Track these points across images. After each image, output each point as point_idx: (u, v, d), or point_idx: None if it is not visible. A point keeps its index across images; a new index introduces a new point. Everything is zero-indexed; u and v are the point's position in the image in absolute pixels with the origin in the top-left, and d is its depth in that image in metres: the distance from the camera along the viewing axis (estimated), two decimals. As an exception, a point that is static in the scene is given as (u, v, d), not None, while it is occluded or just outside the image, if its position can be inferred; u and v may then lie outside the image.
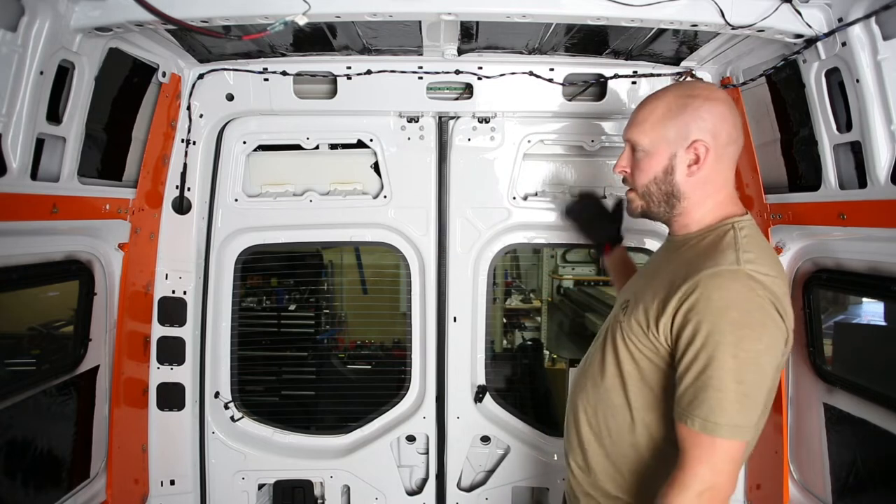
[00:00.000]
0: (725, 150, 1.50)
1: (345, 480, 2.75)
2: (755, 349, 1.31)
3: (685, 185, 1.52)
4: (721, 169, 1.52)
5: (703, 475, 1.31)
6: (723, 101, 1.51)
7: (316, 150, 2.66)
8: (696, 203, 1.53)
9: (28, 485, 1.98)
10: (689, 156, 1.49)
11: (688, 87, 1.57)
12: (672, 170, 1.51)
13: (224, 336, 2.73)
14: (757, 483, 2.49)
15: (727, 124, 1.49)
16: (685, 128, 1.48)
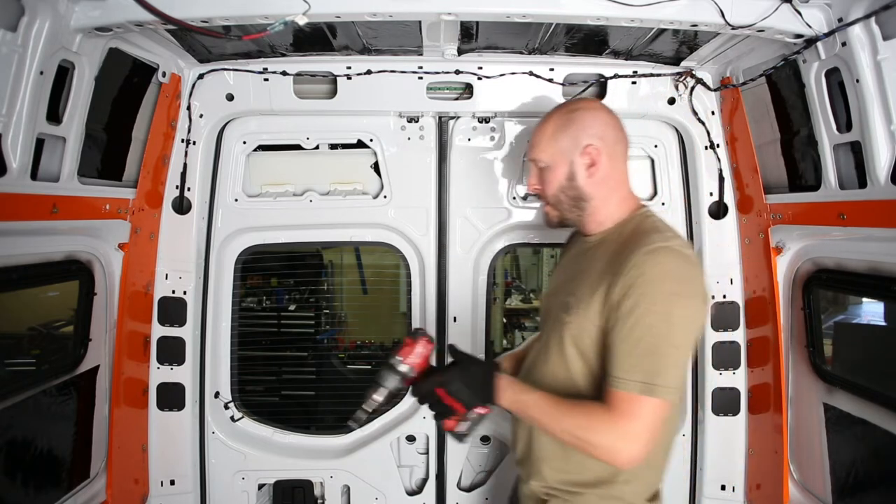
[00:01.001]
0: (615, 148, 1.67)
1: (345, 480, 2.74)
2: (687, 316, 1.43)
3: (588, 187, 1.66)
4: (616, 166, 1.67)
5: (638, 432, 1.40)
6: (600, 108, 1.71)
7: (316, 150, 2.66)
8: (603, 201, 1.67)
9: (28, 485, 1.98)
10: (584, 160, 1.64)
11: (569, 104, 1.75)
12: (574, 175, 1.66)
13: (224, 336, 2.73)
14: (757, 483, 2.49)
15: (610, 127, 1.67)
16: (575, 137, 1.65)
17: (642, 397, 1.39)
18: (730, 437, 2.55)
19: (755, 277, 2.43)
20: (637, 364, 1.40)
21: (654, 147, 2.62)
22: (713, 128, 2.47)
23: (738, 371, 2.53)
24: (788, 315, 2.30)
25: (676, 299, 1.42)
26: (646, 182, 2.68)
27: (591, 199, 1.67)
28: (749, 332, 2.51)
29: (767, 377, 2.39)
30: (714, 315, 2.54)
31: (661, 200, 2.63)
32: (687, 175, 2.61)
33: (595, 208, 1.68)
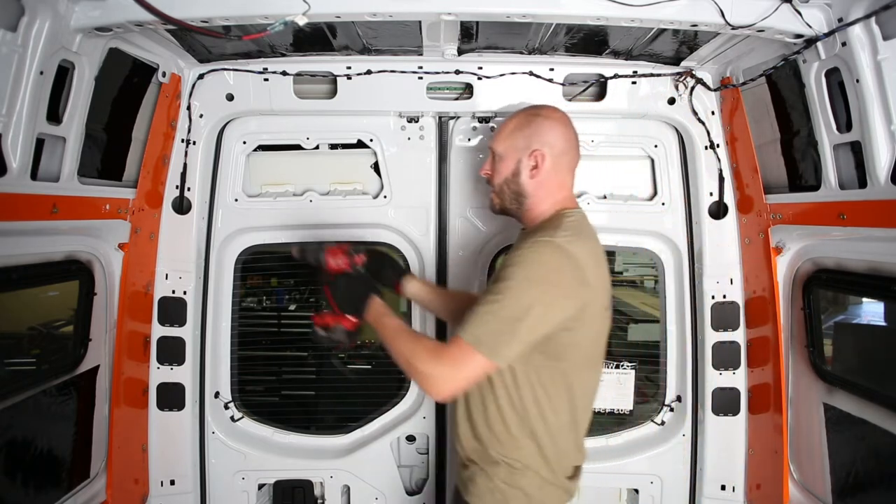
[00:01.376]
0: (560, 158, 1.80)
1: (345, 480, 2.74)
2: (538, 299, 1.56)
3: (528, 186, 1.81)
4: (558, 174, 1.81)
5: (454, 375, 1.58)
6: (558, 119, 1.83)
7: (316, 150, 2.66)
8: (539, 201, 1.82)
9: (28, 485, 1.98)
10: (530, 161, 1.79)
11: (534, 108, 1.89)
12: (518, 172, 1.82)
13: (224, 336, 2.73)
14: (757, 483, 2.49)
15: (562, 138, 1.80)
16: (528, 139, 1.80)
17: (471, 348, 1.55)
18: (730, 437, 2.55)
19: (755, 277, 2.43)
20: (481, 322, 1.56)
21: (654, 147, 2.62)
22: (713, 128, 2.47)
23: (738, 371, 2.53)
24: (788, 315, 2.30)
25: (533, 282, 1.57)
26: (646, 182, 2.68)
27: (529, 197, 1.82)
28: (749, 332, 2.51)
29: (767, 377, 2.39)
30: (714, 315, 2.54)
31: (661, 200, 2.63)
32: (687, 175, 2.61)
33: (531, 206, 1.83)
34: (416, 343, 1.68)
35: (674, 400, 2.72)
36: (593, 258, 1.69)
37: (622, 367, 2.73)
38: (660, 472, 2.69)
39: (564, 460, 1.81)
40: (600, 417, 2.78)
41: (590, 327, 1.71)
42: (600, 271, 1.72)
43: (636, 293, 4.28)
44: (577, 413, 1.79)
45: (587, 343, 1.74)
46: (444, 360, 1.58)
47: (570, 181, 1.88)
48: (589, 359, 1.78)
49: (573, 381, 1.74)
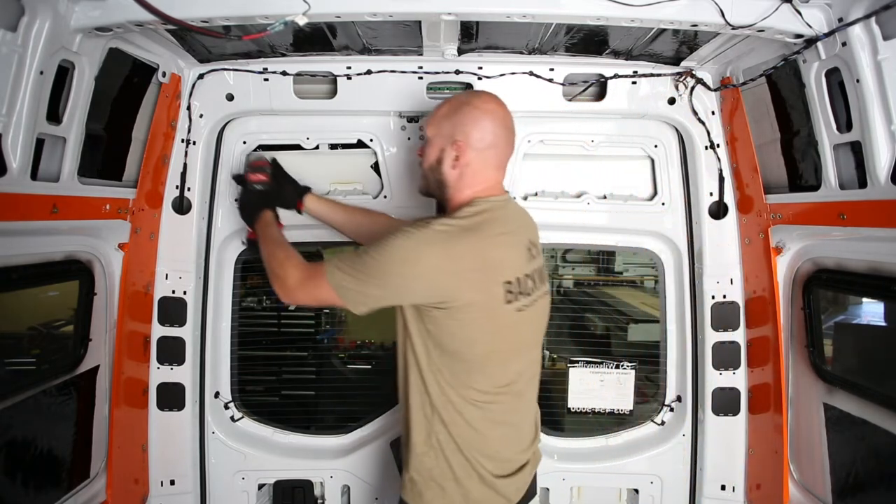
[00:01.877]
0: (486, 152, 1.78)
1: (345, 480, 2.74)
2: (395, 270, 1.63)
3: (449, 176, 1.80)
4: (481, 167, 1.79)
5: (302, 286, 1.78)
6: (487, 111, 1.79)
7: (316, 150, 2.66)
8: (459, 191, 1.81)
9: (28, 485, 1.98)
10: (452, 152, 1.78)
11: (468, 95, 1.87)
12: (441, 161, 1.81)
13: (224, 336, 2.73)
14: (757, 483, 2.49)
15: (488, 132, 1.77)
16: (453, 128, 1.79)
17: (326, 274, 1.69)
18: (730, 437, 2.55)
19: (755, 277, 2.43)
20: (346, 267, 1.68)
21: (654, 147, 2.62)
22: (713, 128, 2.47)
23: (738, 371, 2.53)
24: (788, 315, 2.30)
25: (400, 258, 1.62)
26: (646, 182, 2.68)
27: (449, 187, 1.82)
28: (749, 332, 2.51)
29: (767, 377, 2.39)
30: (714, 315, 2.54)
31: (661, 200, 2.63)
32: (687, 175, 2.61)
33: (451, 196, 1.83)
34: (288, 254, 1.88)
35: (674, 400, 2.72)
36: (485, 251, 1.67)
37: (622, 367, 2.73)
38: (660, 472, 2.69)
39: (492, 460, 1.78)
40: (600, 417, 2.79)
41: (477, 322, 1.67)
42: (499, 264, 1.69)
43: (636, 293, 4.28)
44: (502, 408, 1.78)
45: (480, 339, 1.70)
46: (304, 278, 1.77)
47: (498, 175, 1.85)
48: (497, 354, 1.75)
49: (480, 375, 1.73)
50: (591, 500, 2.80)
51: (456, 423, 1.75)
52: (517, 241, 1.78)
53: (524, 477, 1.87)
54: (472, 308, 1.65)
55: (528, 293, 1.77)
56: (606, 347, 3.04)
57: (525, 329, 1.80)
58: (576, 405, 2.74)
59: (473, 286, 1.64)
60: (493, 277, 1.67)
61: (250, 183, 2.28)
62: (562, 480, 2.73)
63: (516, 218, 1.86)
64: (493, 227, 1.72)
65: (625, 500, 2.82)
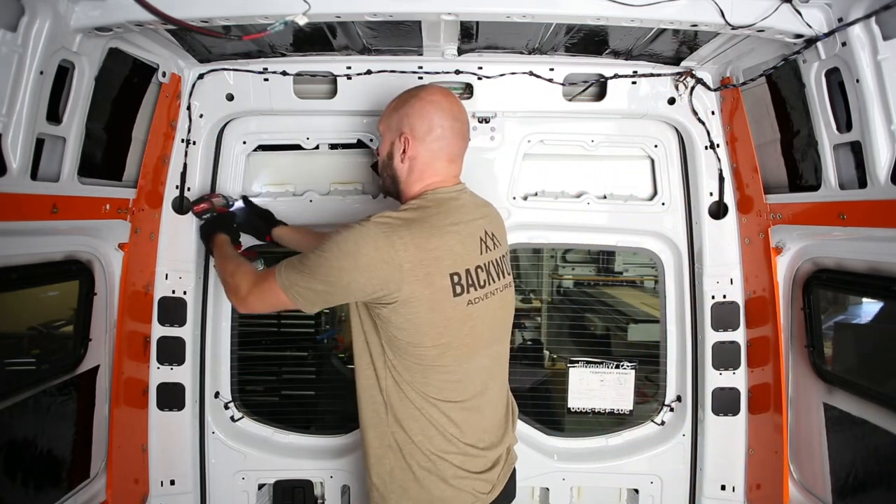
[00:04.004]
0: (434, 144, 1.75)
1: (345, 480, 2.75)
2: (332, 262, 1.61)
3: (400, 171, 1.79)
4: (430, 159, 1.76)
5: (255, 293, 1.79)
6: (431, 102, 1.76)
7: (316, 150, 2.66)
8: (409, 185, 1.80)
9: (28, 485, 1.98)
10: (400, 145, 1.77)
11: (415, 89, 1.83)
12: (392, 156, 1.81)
13: (224, 336, 2.73)
14: (757, 483, 2.49)
15: (431, 122, 1.74)
16: (399, 121, 1.78)
17: (275, 276, 1.70)
18: (730, 437, 2.55)
19: (755, 277, 2.43)
20: (293, 267, 1.68)
21: (654, 147, 2.62)
22: (713, 128, 2.47)
23: (738, 371, 2.53)
24: (788, 315, 2.30)
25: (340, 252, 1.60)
26: (646, 182, 2.69)
27: (400, 181, 1.81)
28: (749, 332, 2.51)
29: (767, 377, 2.39)
30: (714, 315, 2.54)
31: (661, 200, 2.63)
32: (687, 175, 2.61)
33: (403, 190, 1.82)
34: (238, 266, 1.93)
35: (674, 400, 2.72)
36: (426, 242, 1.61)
37: (622, 367, 2.74)
38: (660, 472, 2.69)
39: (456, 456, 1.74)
40: (600, 417, 2.79)
41: (422, 315, 1.63)
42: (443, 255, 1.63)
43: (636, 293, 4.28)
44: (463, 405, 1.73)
45: (429, 333, 1.65)
46: (254, 284, 1.79)
47: (450, 168, 1.80)
48: (451, 348, 1.69)
49: (435, 371, 1.69)
50: (591, 500, 2.80)
51: (414, 421, 1.71)
52: (468, 232, 1.72)
53: (496, 474, 1.82)
54: (417, 302, 1.61)
55: (481, 285, 1.71)
56: (606, 347, 3.04)
57: (480, 323, 1.73)
58: (576, 405, 2.74)
59: (416, 278, 1.59)
60: (437, 269, 1.62)
61: (196, 214, 2.44)
62: (562, 480, 2.73)
63: (469, 209, 1.79)
64: (438, 218, 1.68)
65: (625, 500, 2.82)
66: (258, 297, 1.78)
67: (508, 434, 1.93)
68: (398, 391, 1.72)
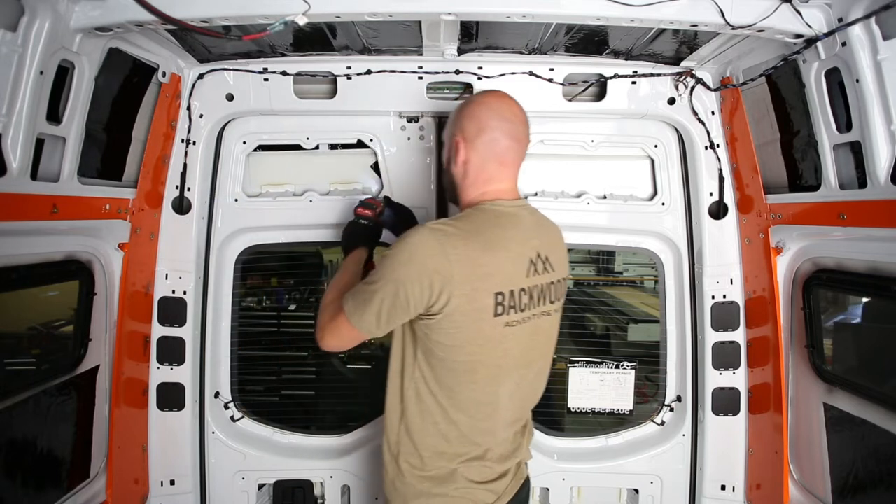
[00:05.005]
0: (487, 147, 1.70)
1: (345, 480, 2.74)
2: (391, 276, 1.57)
3: (457, 176, 1.77)
4: (482, 162, 1.72)
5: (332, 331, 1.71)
6: (482, 103, 1.74)
7: (316, 150, 2.66)
8: (465, 191, 1.76)
9: (28, 485, 1.98)
10: (455, 149, 1.74)
11: (473, 94, 1.84)
12: (449, 161, 1.79)
13: (224, 336, 2.73)
14: (757, 483, 2.49)
15: (479, 122, 1.70)
16: (453, 126, 1.77)
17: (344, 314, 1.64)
18: (730, 437, 2.55)
19: (755, 277, 2.43)
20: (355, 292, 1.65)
21: (654, 147, 2.62)
22: (713, 128, 2.47)
23: (738, 371, 2.53)
24: (788, 315, 2.30)
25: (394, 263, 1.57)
26: (646, 182, 2.69)
27: (458, 186, 1.78)
28: (749, 332, 2.51)
29: (767, 377, 2.39)
30: (714, 315, 2.54)
31: (661, 200, 2.63)
32: (687, 175, 2.61)
33: (461, 196, 1.79)
34: (334, 297, 1.78)
35: (674, 400, 2.72)
36: (478, 257, 1.57)
37: (622, 367, 2.74)
38: (660, 472, 2.69)
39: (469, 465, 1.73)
40: (600, 417, 2.79)
41: (461, 330, 1.60)
42: (491, 272, 1.59)
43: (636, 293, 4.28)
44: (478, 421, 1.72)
45: (465, 349, 1.62)
46: (332, 320, 1.71)
47: (504, 171, 1.73)
48: (483, 367, 1.66)
49: (466, 387, 1.67)
50: (591, 500, 2.80)
51: (426, 434, 1.71)
52: (519, 252, 1.66)
53: (503, 485, 1.80)
54: (459, 315, 1.57)
55: (522, 309, 1.65)
56: (606, 347, 3.04)
57: (513, 346, 1.67)
58: (576, 405, 2.74)
59: (462, 292, 1.55)
60: (484, 286, 1.58)
61: (356, 216, 2.23)
62: (562, 480, 2.73)
63: (526, 227, 1.72)
64: (493, 232, 1.63)
65: (625, 500, 2.82)
66: (331, 333, 1.72)
67: (521, 449, 1.91)
68: (418, 402, 1.70)
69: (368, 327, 1.62)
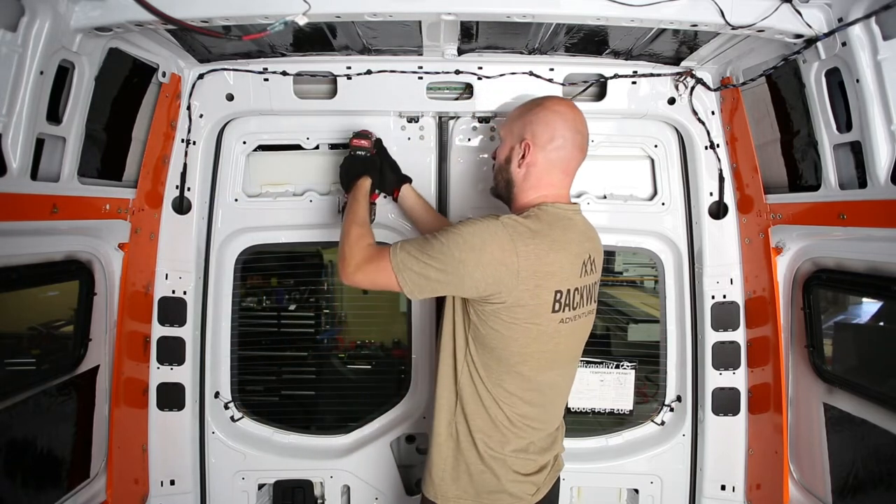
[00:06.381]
0: (554, 154, 1.79)
1: (345, 480, 2.74)
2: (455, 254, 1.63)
3: (516, 175, 1.84)
4: (548, 168, 1.80)
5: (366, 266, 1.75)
6: (557, 112, 1.81)
7: (316, 150, 2.66)
8: (524, 192, 1.84)
9: (28, 485, 1.98)
10: (520, 151, 1.81)
11: (542, 99, 1.89)
12: (510, 160, 1.85)
13: (224, 336, 2.73)
14: (757, 483, 2.49)
15: (554, 132, 1.79)
16: (522, 128, 1.82)
17: (389, 254, 1.70)
18: (730, 437, 2.55)
19: (755, 277, 2.43)
20: (410, 249, 1.69)
21: (654, 147, 2.62)
22: (713, 128, 2.47)
23: (738, 371, 2.53)
24: (788, 315, 2.30)
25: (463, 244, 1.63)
26: (646, 182, 2.69)
27: (516, 186, 1.85)
28: (749, 332, 2.52)
29: (767, 377, 2.39)
30: (714, 315, 2.54)
31: (661, 200, 2.63)
32: (687, 175, 2.61)
33: (516, 196, 1.86)
34: (361, 233, 1.85)
35: (674, 400, 2.72)
36: (545, 256, 1.65)
37: (622, 367, 2.74)
38: (660, 472, 2.69)
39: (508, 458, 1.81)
40: (600, 417, 2.79)
41: (521, 323, 1.68)
42: (554, 271, 1.68)
43: (636, 293, 4.28)
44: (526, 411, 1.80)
45: (520, 340, 1.71)
46: (366, 259, 1.75)
47: (564, 180, 1.85)
48: (532, 358, 1.75)
49: (512, 375, 1.76)
50: (591, 500, 2.80)
51: (479, 419, 1.78)
52: (576, 254, 1.76)
53: (542, 477, 1.89)
54: (521, 309, 1.66)
55: (574, 307, 1.76)
56: (606, 347, 3.04)
57: (563, 342, 1.79)
58: (576, 405, 2.74)
59: (526, 288, 1.63)
60: (546, 283, 1.67)
61: (352, 147, 2.29)
62: (562, 480, 2.72)
63: (581, 230, 1.83)
64: (557, 233, 1.72)
65: (625, 500, 2.82)
66: (367, 274, 1.75)
67: (557, 442, 2.00)
68: (471, 384, 1.79)
69: (411, 288, 1.68)
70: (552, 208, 1.78)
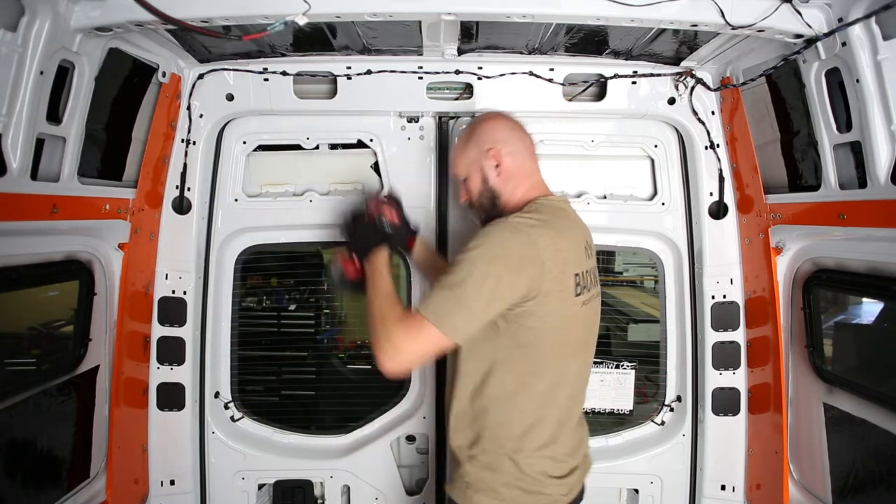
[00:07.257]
0: (515, 147, 1.88)
1: (345, 480, 2.74)
2: (486, 272, 1.59)
3: (498, 185, 1.88)
4: (519, 162, 1.88)
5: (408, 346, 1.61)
6: (496, 116, 1.96)
7: (316, 150, 2.66)
8: (510, 195, 1.88)
9: (28, 485, 1.98)
10: (491, 161, 1.86)
11: (472, 123, 2.00)
12: (486, 178, 1.88)
13: (224, 336, 2.73)
14: (757, 483, 2.49)
15: (507, 130, 1.90)
16: (478, 145, 1.89)
17: (428, 322, 1.59)
18: (730, 437, 2.55)
19: (755, 277, 2.43)
20: (438, 297, 1.61)
21: (654, 147, 2.62)
22: (713, 128, 2.47)
23: (738, 371, 2.53)
24: (788, 315, 2.30)
25: (485, 259, 1.60)
26: (646, 182, 2.69)
27: (501, 195, 1.88)
28: (749, 332, 2.52)
29: (767, 377, 2.39)
30: (714, 315, 2.54)
31: (661, 200, 2.63)
32: (687, 175, 2.61)
33: (505, 203, 1.88)
34: (387, 309, 1.72)
35: (674, 400, 2.72)
36: (558, 242, 1.69)
37: (622, 367, 2.73)
38: (660, 472, 2.69)
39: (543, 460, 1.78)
40: (600, 417, 2.79)
41: (553, 313, 1.69)
42: (569, 256, 1.73)
43: (636, 293, 4.28)
44: (558, 406, 1.79)
45: (554, 329, 1.72)
46: (401, 331, 1.62)
47: (535, 165, 1.93)
48: (562, 346, 1.77)
49: (545, 369, 1.75)
50: (591, 500, 2.79)
51: (509, 424, 1.76)
52: (577, 239, 1.82)
53: (574, 479, 1.87)
54: (549, 299, 1.66)
55: (588, 289, 1.81)
56: (606, 347, 3.04)
57: (583, 325, 1.82)
58: (576, 405, 2.74)
59: (553, 276, 1.65)
60: (566, 269, 1.70)
61: (379, 216, 2.12)
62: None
63: (573, 219, 1.91)
64: (559, 222, 1.78)
65: (625, 500, 2.82)
66: (411, 351, 1.62)
67: (584, 443, 1.98)
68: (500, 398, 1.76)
69: (462, 330, 1.61)
70: (545, 201, 1.84)
